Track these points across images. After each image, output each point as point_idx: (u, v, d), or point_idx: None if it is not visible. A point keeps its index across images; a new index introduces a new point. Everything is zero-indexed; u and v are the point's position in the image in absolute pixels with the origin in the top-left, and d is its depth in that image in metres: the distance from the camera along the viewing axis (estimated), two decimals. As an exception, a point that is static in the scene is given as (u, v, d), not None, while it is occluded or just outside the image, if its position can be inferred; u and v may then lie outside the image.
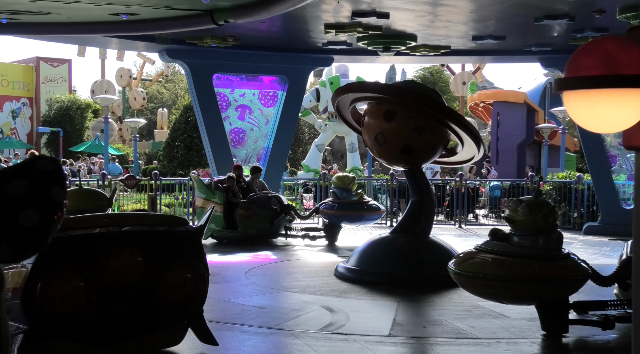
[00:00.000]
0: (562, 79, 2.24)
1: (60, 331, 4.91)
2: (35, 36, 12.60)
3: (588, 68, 2.15)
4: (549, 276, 5.79)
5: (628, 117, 2.19)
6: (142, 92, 38.81)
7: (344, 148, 29.32)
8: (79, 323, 4.91)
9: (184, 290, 5.28)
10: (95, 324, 5.00)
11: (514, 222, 6.05)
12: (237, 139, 14.57)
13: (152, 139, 39.07)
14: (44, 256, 4.64)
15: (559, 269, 5.83)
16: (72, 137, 35.04)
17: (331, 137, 27.90)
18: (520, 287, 5.78)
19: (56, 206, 2.20)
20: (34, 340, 4.82)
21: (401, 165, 9.27)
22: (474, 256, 5.97)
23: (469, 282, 5.96)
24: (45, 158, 2.26)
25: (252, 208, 12.07)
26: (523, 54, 14.09)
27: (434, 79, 46.00)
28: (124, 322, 5.15)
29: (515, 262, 5.77)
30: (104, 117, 21.65)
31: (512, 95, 26.31)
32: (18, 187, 2.09)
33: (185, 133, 28.47)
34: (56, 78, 38.32)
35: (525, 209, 5.99)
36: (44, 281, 4.73)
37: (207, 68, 13.82)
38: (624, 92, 2.14)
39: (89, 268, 4.91)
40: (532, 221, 5.94)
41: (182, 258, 5.34)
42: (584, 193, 15.65)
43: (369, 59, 15.01)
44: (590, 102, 2.18)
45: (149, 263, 5.10)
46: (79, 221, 5.23)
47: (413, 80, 16.96)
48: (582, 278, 5.96)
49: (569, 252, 6.11)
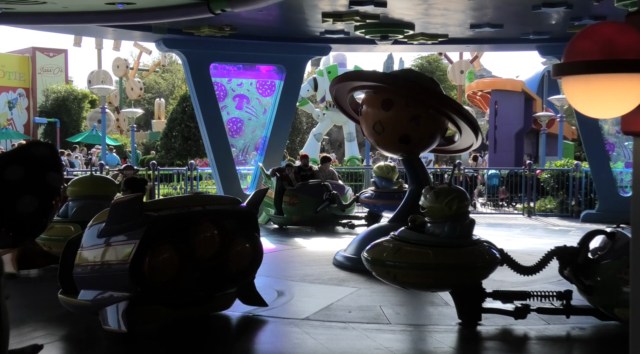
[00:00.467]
0: (561, 64, 2.24)
1: (156, 297, 5.76)
2: (31, 26, 12.52)
3: (586, 53, 2.14)
4: (444, 264, 5.81)
5: (626, 102, 2.18)
6: (139, 82, 38.71)
7: (342, 137, 29.33)
8: (171, 290, 5.73)
9: (246, 260, 6.15)
10: (183, 291, 5.84)
11: (424, 209, 6.14)
12: (234, 128, 14.54)
13: (150, 129, 39.01)
14: (149, 233, 5.50)
15: (457, 256, 5.84)
16: (69, 127, 34.99)
17: (329, 127, 27.89)
18: (413, 273, 5.88)
19: (54, 192, 2.20)
20: (135, 306, 5.63)
21: (399, 154, 9.27)
22: (382, 244, 6.12)
23: (373, 268, 6.13)
24: (40, 144, 2.25)
25: (297, 196, 12.71)
26: (521, 42, 14.05)
27: (432, 68, 45.93)
28: (202, 289, 5.99)
29: (410, 250, 5.87)
30: (101, 107, 21.59)
31: (509, 83, 26.28)
32: (15, 174, 2.09)
33: (183, 123, 28.44)
34: (52, 68, 38.22)
35: (432, 197, 6.07)
36: (151, 255, 5.50)
37: (204, 58, 13.77)
38: (623, 77, 2.13)
39: (182, 243, 5.68)
40: (438, 208, 5.99)
41: (245, 233, 6.16)
42: (582, 181, 15.68)
43: (366, 48, 14.96)
44: (589, 87, 2.18)
45: (223, 237, 5.88)
46: (171, 202, 6.27)
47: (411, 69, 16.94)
48: (483, 266, 5.94)
49: (479, 239, 6.13)
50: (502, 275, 6.58)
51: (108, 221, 5.73)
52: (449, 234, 5.97)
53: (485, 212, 16.73)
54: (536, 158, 24.80)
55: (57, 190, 2.22)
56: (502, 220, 15.08)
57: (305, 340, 5.73)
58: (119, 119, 35.56)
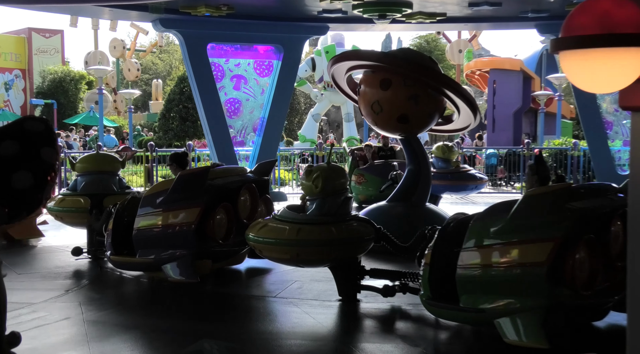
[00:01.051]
0: (558, 39, 2.23)
1: (207, 253, 6.91)
2: (26, 6, 12.45)
3: (584, 27, 2.13)
4: (302, 240, 5.92)
5: (624, 77, 2.18)
6: (136, 63, 38.53)
7: (340, 118, 29.27)
8: (222, 246, 6.92)
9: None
10: (228, 246, 7.06)
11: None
12: (232, 109, 14.50)
13: (147, 110, 38.91)
14: (209, 199, 6.69)
15: (316, 232, 5.94)
16: (67, 109, 34.88)
17: (327, 107, 27.83)
18: (274, 248, 6.06)
19: (49, 167, 2.17)
20: (192, 260, 6.73)
21: (397, 133, 9.25)
22: (259, 222, 6.33)
23: (249, 243, 6.34)
24: (34, 119, 2.22)
25: (364, 175, 12.76)
26: (519, 21, 13.98)
27: (430, 48, 45.76)
28: (238, 244, 7.13)
29: (271, 226, 6.09)
30: (98, 88, 21.52)
31: (508, 62, 26.20)
32: (10, 149, 2.05)
33: (181, 104, 28.37)
34: (49, 49, 38.00)
35: (304, 175, 6.25)
36: (212, 217, 6.76)
37: (202, 38, 13.69)
38: (620, 52, 2.12)
39: (230, 206, 6.85)
40: (308, 186, 6.14)
41: (262, 197, 7.47)
42: (580, 159, 15.71)
43: (364, 27, 14.89)
44: (587, 62, 2.17)
45: (253, 201, 7.20)
46: (222, 172, 7.32)
47: (409, 49, 16.86)
48: (350, 243, 6.05)
49: (354, 216, 6.32)
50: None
51: (173, 189, 6.72)
52: (316, 211, 6.11)
53: (484, 191, 16.75)
54: (534, 137, 24.81)
55: (52, 166, 2.20)
56: (500, 199, 15.08)
57: (304, 319, 5.77)
58: (117, 100, 35.44)
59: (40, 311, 5.91)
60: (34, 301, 6.28)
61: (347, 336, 5.46)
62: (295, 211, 6.26)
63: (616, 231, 4.87)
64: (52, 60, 37.51)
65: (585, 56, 2.15)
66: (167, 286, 6.86)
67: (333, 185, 6.11)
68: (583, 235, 4.65)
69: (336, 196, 6.15)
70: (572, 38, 2.15)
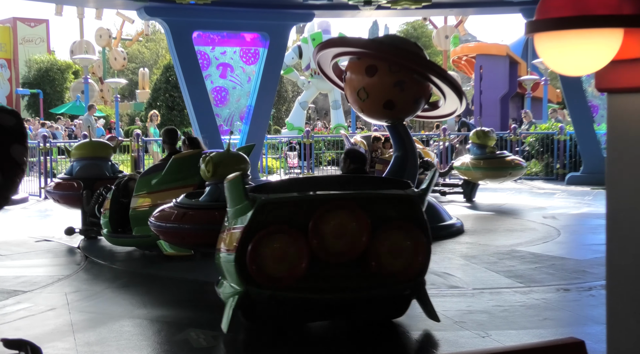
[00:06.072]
0: (532, 21, 2.22)
1: None
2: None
3: (558, 9, 2.13)
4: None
5: (599, 59, 2.18)
6: (123, 52, 38.28)
7: (327, 105, 29.22)
8: None
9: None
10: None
11: None
12: (219, 97, 14.45)
13: (134, 99, 38.68)
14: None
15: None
16: (53, 98, 34.64)
17: (314, 95, 27.76)
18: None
19: (16, 167, 2.06)
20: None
21: (384, 120, 9.24)
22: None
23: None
24: (5, 111, 2.10)
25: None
26: (504, 6, 14.00)
27: (417, 34, 45.73)
28: None
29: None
30: (84, 77, 21.39)
31: (494, 48, 26.22)
32: None
33: (167, 93, 28.20)
34: (34, 38, 37.69)
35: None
36: None
37: (187, 26, 13.61)
38: (595, 33, 2.12)
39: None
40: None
41: None
42: (566, 144, 15.77)
43: (350, 14, 14.84)
44: (561, 44, 2.17)
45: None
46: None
47: (395, 35, 16.78)
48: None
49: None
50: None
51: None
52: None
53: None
54: (521, 122, 24.86)
55: (21, 165, 2.08)
56: (488, 184, 15.13)
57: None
58: (103, 89, 35.21)
59: (25, 302, 5.89)
60: (18, 291, 6.25)
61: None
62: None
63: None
64: (38, 50, 37.20)
65: (559, 38, 2.15)
66: (154, 276, 6.86)
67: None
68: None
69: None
70: (546, 20, 2.15)
